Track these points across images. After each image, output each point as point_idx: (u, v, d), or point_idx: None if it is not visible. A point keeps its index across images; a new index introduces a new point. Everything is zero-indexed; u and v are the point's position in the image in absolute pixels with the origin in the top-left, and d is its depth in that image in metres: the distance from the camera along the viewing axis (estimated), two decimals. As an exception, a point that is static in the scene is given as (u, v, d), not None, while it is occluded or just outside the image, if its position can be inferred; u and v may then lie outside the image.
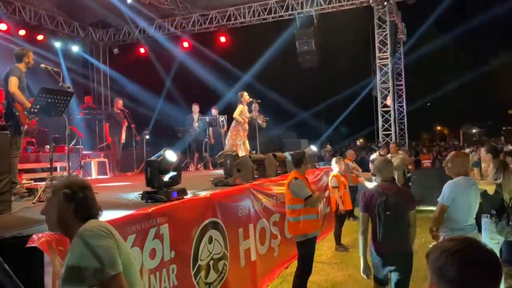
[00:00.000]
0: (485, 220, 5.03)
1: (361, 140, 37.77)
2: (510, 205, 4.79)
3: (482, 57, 37.12)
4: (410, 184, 10.65)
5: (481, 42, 36.75)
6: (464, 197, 4.17)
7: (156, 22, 15.75)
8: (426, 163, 14.74)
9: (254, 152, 9.15)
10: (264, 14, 14.68)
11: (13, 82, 5.37)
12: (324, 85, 27.27)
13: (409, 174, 11.00)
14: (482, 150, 5.91)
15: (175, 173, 4.45)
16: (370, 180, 8.76)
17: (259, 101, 9.51)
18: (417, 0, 13.74)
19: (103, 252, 1.97)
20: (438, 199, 4.24)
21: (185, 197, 4.51)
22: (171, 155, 4.28)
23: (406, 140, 16.43)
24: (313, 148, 10.14)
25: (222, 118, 10.39)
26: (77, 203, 2.16)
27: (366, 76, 16.26)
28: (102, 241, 2.00)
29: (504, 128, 33.77)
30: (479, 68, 38.50)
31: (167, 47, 16.00)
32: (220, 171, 7.12)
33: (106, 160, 10.21)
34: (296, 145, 11.50)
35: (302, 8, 14.10)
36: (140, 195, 4.36)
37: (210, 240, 4.70)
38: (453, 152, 4.54)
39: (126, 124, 10.22)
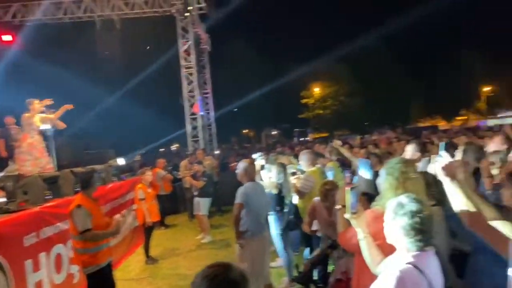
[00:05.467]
0: (272, 217, 5.71)
1: (177, 145, 38.13)
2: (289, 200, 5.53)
3: (281, 67, 42.11)
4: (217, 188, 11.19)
5: (279, 52, 41.60)
6: (254, 199, 4.63)
7: None
8: (234, 166, 15.81)
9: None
10: (59, 14, 13.35)
11: None
12: (133, 92, 26.47)
13: (217, 178, 11.58)
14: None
15: None
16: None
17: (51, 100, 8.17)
18: (219, 12, 14.74)
19: None
20: (235, 201, 4.62)
21: None
22: None
23: (215, 145, 17.36)
24: (120, 160, 9.70)
25: (17, 129, 8.72)
26: None
27: (175, 84, 16.55)
28: None
29: (295, 129, 39.27)
30: (278, 76, 43.88)
31: None
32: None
33: None
34: (101, 157, 10.77)
35: (102, 11, 13.37)
36: None
37: (-16, 282, 3.95)
38: (246, 160, 4.98)
39: None
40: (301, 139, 39.55)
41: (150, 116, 24.54)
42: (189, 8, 13.23)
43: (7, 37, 13.16)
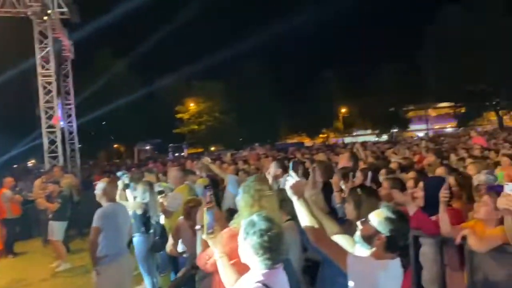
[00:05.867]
0: (137, 239, 5.40)
1: (33, 162, 34.16)
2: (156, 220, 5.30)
3: (151, 79, 40.99)
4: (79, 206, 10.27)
5: (149, 64, 40.46)
6: (113, 221, 4.30)
7: None
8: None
9: None
10: None
11: None
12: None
13: (78, 198, 10.63)
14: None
15: None
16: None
17: None
18: (83, 20, 13.73)
19: None
20: (92, 225, 4.23)
21: None
22: None
23: (78, 161, 15.96)
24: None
25: None
26: None
27: (30, 93, 14.76)
28: None
29: (170, 144, 38.62)
30: (151, 90, 42.59)
31: None
32: None
33: None
34: None
35: None
36: None
37: None
38: (105, 180, 4.61)
39: None
40: (176, 154, 39.01)
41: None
42: (48, 11, 12.03)
43: None
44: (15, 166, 25.02)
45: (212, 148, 39.78)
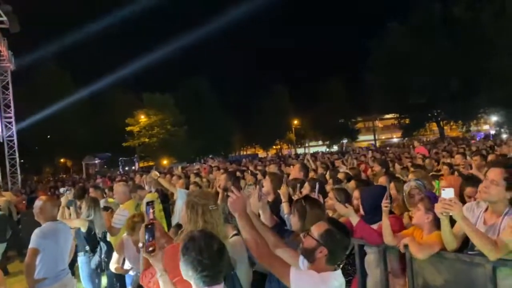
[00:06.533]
0: (81, 258, 5.14)
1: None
2: (102, 237, 5.08)
3: (99, 93, 39.66)
4: (20, 226, 9.68)
5: (96, 76, 39.07)
6: (52, 241, 4.07)
7: None
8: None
9: None
10: None
11: None
12: None
13: (19, 216, 10.04)
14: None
15: None
16: None
17: None
18: (24, 29, 13.09)
19: None
20: (29, 246, 3.97)
21: None
22: None
23: (19, 177, 15.04)
24: None
25: None
26: None
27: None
28: None
29: (120, 158, 37.36)
30: (98, 102, 41.16)
31: None
32: None
33: None
34: None
35: None
36: None
37: None
38: (42, 197, 4.35)
39: None
40: (126, 168, 37.75)
41: None
42: (-17, 19, 11.38)
43: None
44: None
45: (165, 162, 38.96)
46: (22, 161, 16.21)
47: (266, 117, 46.43)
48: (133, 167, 37.38)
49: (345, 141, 49.41)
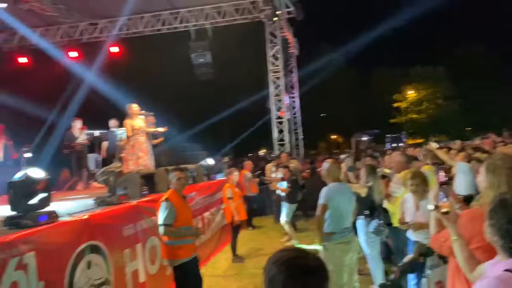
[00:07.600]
0: (360, 222, 5.47)
1: (265, 151, 38.84)
2: (379, 204, 5.25)
3: (367, 71, 40.77)
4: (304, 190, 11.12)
5: (365, 56, 40.26)
6: (338, 200, 4.48)
7: (40, 30, 14.57)
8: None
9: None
10: (158, 25, 14.45)
11: None
12: (222, 97, 27.69)
13: (303, 181, 11.55)
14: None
15: (45, 194, 4.06)
16: (281, 184, 9.15)
17: (151, 113, 9.11)
18: (307, 16, 14.64)
19: None
20: (319, 202, 4.51)
21: (57, 220, 4.12)
22: (36, 173, 3.89)
23: (301, 149, 17.25)
24: (210, 161, 10.11)
25: (121, 131, 9.66)
26: None
27: (262, 88, 16.83)
28: None
29: (387, 135, 37.42)
30: (365, 81, 42.42)
31: (53, 57, 14.81)
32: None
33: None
34: (194, 157, 11.32)
35: (196, 20, 14.16)
36: (3, 222, 3.89)
37: (89, 265, 4.36)
38: (328, 160, 4.86)
39: (3, 141, 9.18)
40: (394, 145, 37.47)
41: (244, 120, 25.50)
42: (277, 12, 13.42)
43: (114, 49, 14.66)
44: (249, 154, 29.14)
45: (435, 139, 36.50)
46: (302, 137, 18.50)
47: None
48: (400, 144, 36.79)
49: None
